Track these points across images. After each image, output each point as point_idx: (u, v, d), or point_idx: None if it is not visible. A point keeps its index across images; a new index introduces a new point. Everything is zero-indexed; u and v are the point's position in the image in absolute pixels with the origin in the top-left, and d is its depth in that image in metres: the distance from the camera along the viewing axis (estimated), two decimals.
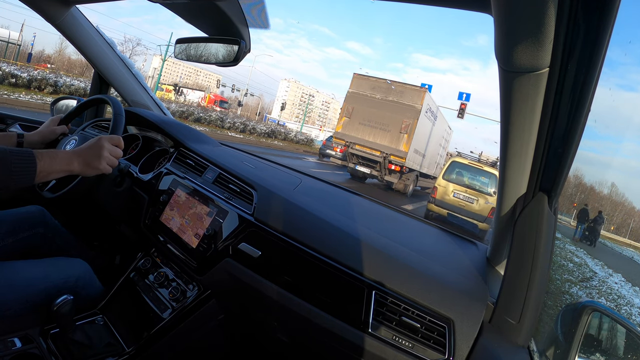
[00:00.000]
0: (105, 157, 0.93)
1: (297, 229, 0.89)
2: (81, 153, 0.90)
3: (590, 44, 0.42)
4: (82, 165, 0.89)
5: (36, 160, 0.78)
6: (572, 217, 36.21)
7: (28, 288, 0.91)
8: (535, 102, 0.49)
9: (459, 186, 7.86)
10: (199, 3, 0.94)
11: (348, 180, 11.67)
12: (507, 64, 0.47)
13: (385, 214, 1.19)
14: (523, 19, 0.41)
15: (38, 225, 1.10)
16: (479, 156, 9.07)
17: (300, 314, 0.83)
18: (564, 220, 35.79)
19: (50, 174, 0.83)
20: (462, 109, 16.58)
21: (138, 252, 1.17)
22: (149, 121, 1.32)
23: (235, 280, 0.93)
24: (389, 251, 0.82)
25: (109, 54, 1.45)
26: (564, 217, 37.81)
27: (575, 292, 6.10)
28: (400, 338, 0.72)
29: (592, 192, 46.97)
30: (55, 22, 1.29)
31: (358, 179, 12.12)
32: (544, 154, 0.57)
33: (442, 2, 0.60)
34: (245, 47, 0.96)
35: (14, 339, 0.89)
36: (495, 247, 0.88)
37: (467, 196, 7.71)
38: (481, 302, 0.72)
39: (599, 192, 48.72)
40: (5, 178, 0.74)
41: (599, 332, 0.89)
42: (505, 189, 0.68)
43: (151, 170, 1.21)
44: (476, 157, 8.67)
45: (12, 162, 0.75)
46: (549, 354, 0.83)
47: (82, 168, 0.90)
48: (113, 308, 1.07)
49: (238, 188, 1.03)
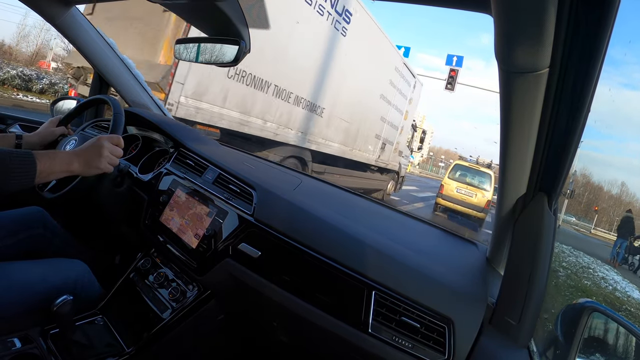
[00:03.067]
0: (105, 157, 0.93)
1: (297, 229, 0.89)
2: (81, 153, 0.90)
3: (590, 44, 0.42)
4: (82, 165, 0.89)
5: (36, 161, 0.78)
6: (591, 223, 32.08)
7: (27, 288, 0.91)
8: (535, 102, 0.49)
9: (461, 184, 10.06)
10: (198, 3, 0.94)
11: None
12: (507, 64, 0.47)
13: (384, 214, 1.19)
14: (523, 19, 0.41)
15: (37, 226, 1.10)
16: (477, 159, 11.13)
17: (300, 314, 0.83)
18: (581, 227, 31.17)
19: (51, 174, 0.83)
20: (451, 77, 11.95)
21: (138, 253, 1.17)
22: (148, 121, 1.32)
23: (235, 281, 0.93)
24: (388, 251, 0.82)
25: (108, 54, 1.45)
26: (582, 222, 33.40)
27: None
28: (400, 338, 0.72)
29: (600, 191, 45.00)
30: (55, 22, 1.29)
31: None
32: (544, 154, 0.57)
33: (442, 2, 0.60)
34: (245, 48, 0.96)
35: (14, 339, 0.89)
36: (495, 248, 0.88)
37: (468, 191, 9.90)
38: (481, 303, 0.72)
39: (608, 191, 46.91)
40: (4, 180, 0.74)
41: (599, 333, 0.89)
42: (505, 189, 0.68)
43: (151, 171, 1.21)
44: (474, 160, 10.98)
45: (12, 164, 0.75)
46: (548, 354, 0.83)
47: (83, 168, 0.90)
48: (113, 308, 1.07)
49: (238, 188, 1.03)
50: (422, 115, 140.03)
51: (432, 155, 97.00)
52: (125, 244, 1.27)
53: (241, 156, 1.33)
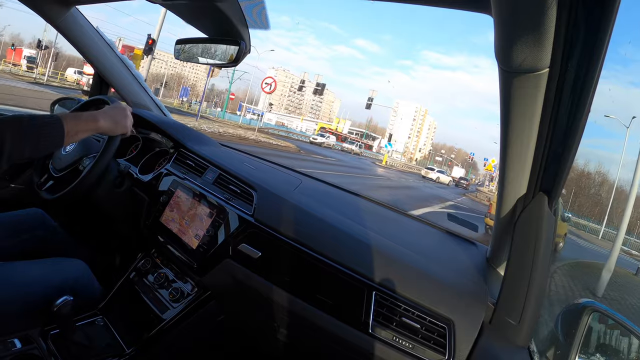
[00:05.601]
0: (130, 118, 0.96)
1: (297, 229, 0.89)
2: (108, 111, 0.92)
3: (590, 44, 0.42)
4: (109, 123, 0.91)
5: (63, 123, 0.80)
6: (611, 228, 27.61)
7: (27, 289, 0.90)
8: (535, 102, 0.50)
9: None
10: (199, 4, 0.94)
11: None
12: (507, 64, 0.47)
13: (385, 215, 1.19)
14: (523, 19, 0.41)
15: (37, 227, 1.10)
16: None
17: (300, 314, 0.83)
18: (592, 232, 27.94)
19: (78, 133, 0.84)
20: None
21: (138, 253, 1.17)
22: (149, 122, 1.32)
23: (236, 281, 0.93)
24: (389, 252, 0.82)
25: (108, 55, 1.45)
26: (609, 229, 27.34)
27: None
28: (400, 339, 0.72)
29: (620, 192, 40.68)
30: (55, 23, 1.29)
31: None
32: (544, 155, 0.57)
33: (442, 3, 0.60)
34: (245, 48, 0.96)
35: (14, 339, 0.89)
36: (496, 248, 0.88)
37: None
38: (481, 303, 0.72)
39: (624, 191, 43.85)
40: (37, 145, 0.76)
41: (599, 333, 0.89)
42: (505, 190, 0.68)
43: (151, 171, 1.21)
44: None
45: (43, 131, 0.76)
46: (549, 355, 0.83)
47: (110, 125, 0.91)
48: (113, 309, 1.07)
49: (238, 189, 1.03)
50: (425, 109, 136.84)
51: (432, 152, 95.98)
52: (126, 244, 1.27)
53: (241, 157, 1.33)
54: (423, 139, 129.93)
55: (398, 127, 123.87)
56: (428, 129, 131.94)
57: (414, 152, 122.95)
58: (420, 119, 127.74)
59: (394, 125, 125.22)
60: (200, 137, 1.32)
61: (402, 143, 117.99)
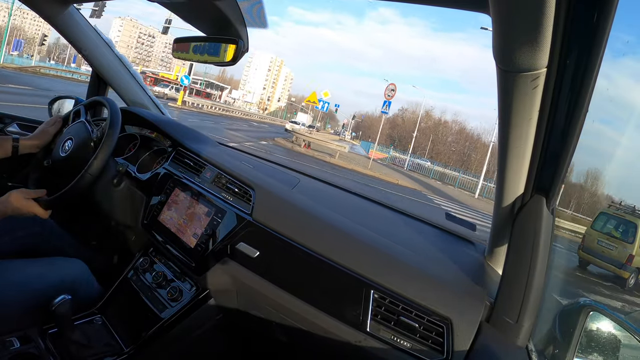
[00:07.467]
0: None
1: (295, 228, 0.89)
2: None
3: (588, 44, 0.42)
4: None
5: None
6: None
7: (25, 287, 0.90)
8: (533, 102, 0.49)
9: (602, 234, 8.90)
10: (197, 2, 0.94)
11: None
12: (505, 64, 0.47)
13: (383, 213, 1.19)
14: (521, 19, 0.41)
15: (34, 225, 1.10)
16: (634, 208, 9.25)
17: (298, 313, 0.83)
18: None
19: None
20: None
21: (136, 252, 1.17)
22: (147, 121, 1.32)
23: (234, 280, 0.92)
24: (387, 251, 0.82)
25: (106, 53, 1.44)
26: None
27: None
28: (399, 338, 0.72)
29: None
30: (53, 21, 1.28)
31: None
32: (542, 155, 0.57)
33: (441, 2, 0.59)
34: (243, 47, 0.95)
35: (12, 338, 0.88)
36: (493, 247, 0.88)
37: (609, 244, 8.68)
38: (479, 302, 0.72)
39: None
40: None
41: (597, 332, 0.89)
42: (503, 189, 0.68)
43: (149, 170, 1.21)
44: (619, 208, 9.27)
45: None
46: (547, 354, 0.83)
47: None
48: (111, 308, 1.07)
49: (236, 188, 1.03)
50: (281, 60, 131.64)
51: (294, 102, 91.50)
52: (124, 243, 1.27)
53: (239, 155, 1.32)
54: (279, 90, 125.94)
55: (253, 77, 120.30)
56: (285, 80, 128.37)
57: (270, 102, 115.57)
58: (276, 70, 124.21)
59: (248, 76, 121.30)
60: (199, 136, 1.32)
61: (258, 94, 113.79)
